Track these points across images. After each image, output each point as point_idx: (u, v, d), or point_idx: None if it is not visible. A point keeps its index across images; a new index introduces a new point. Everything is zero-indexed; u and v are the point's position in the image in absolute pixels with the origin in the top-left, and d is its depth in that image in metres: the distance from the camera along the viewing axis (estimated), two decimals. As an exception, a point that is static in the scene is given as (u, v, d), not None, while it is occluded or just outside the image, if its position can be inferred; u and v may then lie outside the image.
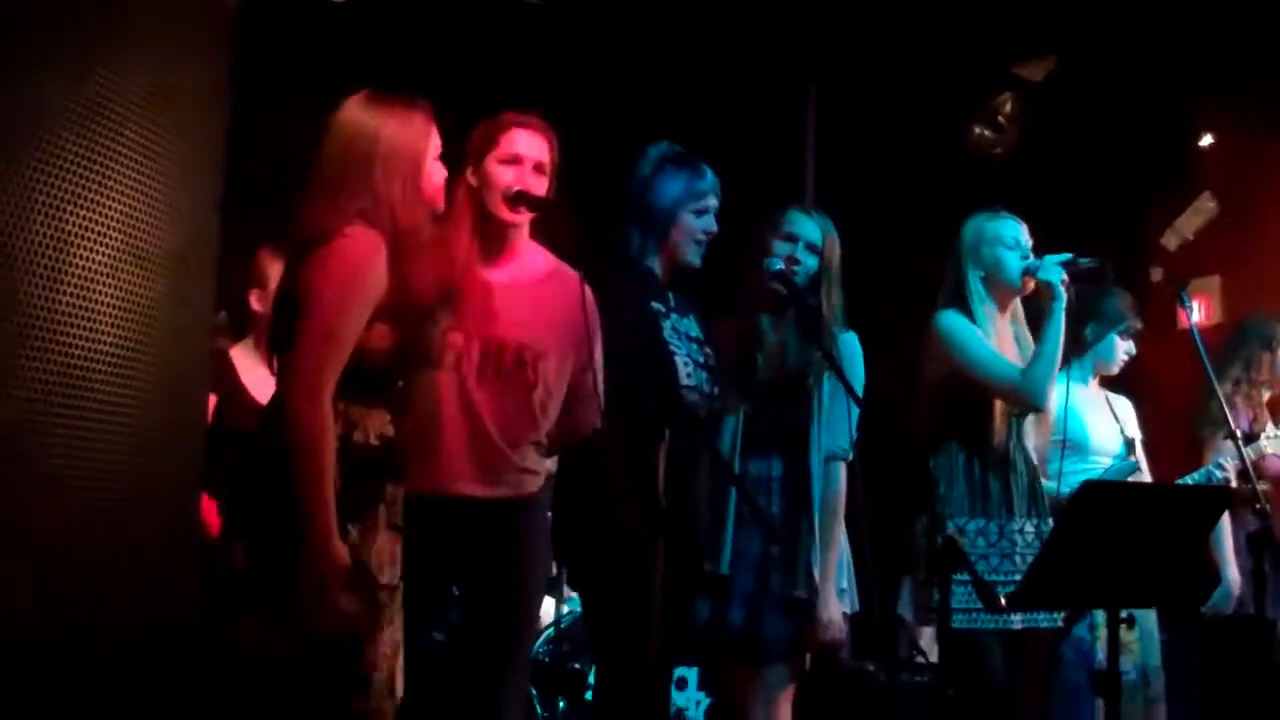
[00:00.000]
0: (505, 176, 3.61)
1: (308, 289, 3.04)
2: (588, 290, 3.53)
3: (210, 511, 3.82)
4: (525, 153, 3.64)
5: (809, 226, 4.23)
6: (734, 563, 4.07)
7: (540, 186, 3.65)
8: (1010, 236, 4.36)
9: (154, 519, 2.70)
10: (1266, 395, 5.49)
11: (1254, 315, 5.75)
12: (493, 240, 3.66)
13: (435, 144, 3.24)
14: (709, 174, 4.04)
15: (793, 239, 4.21)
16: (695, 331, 4.01)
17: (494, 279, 3.64)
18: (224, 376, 4.42)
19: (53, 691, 2.42)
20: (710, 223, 4.01)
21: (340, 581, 2.95)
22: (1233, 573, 5.20)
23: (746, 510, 3.98)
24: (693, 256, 4.01)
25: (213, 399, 4.39)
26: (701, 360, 3.95)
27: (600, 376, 3.63)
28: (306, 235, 3.10)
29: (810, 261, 4.19)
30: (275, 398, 3.14)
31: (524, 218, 3.66)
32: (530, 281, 3.70)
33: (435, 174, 3.24)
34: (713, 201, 4.03)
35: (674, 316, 3.97)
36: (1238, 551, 5.22)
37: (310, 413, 2.97)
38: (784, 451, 4.17)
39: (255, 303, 4.47)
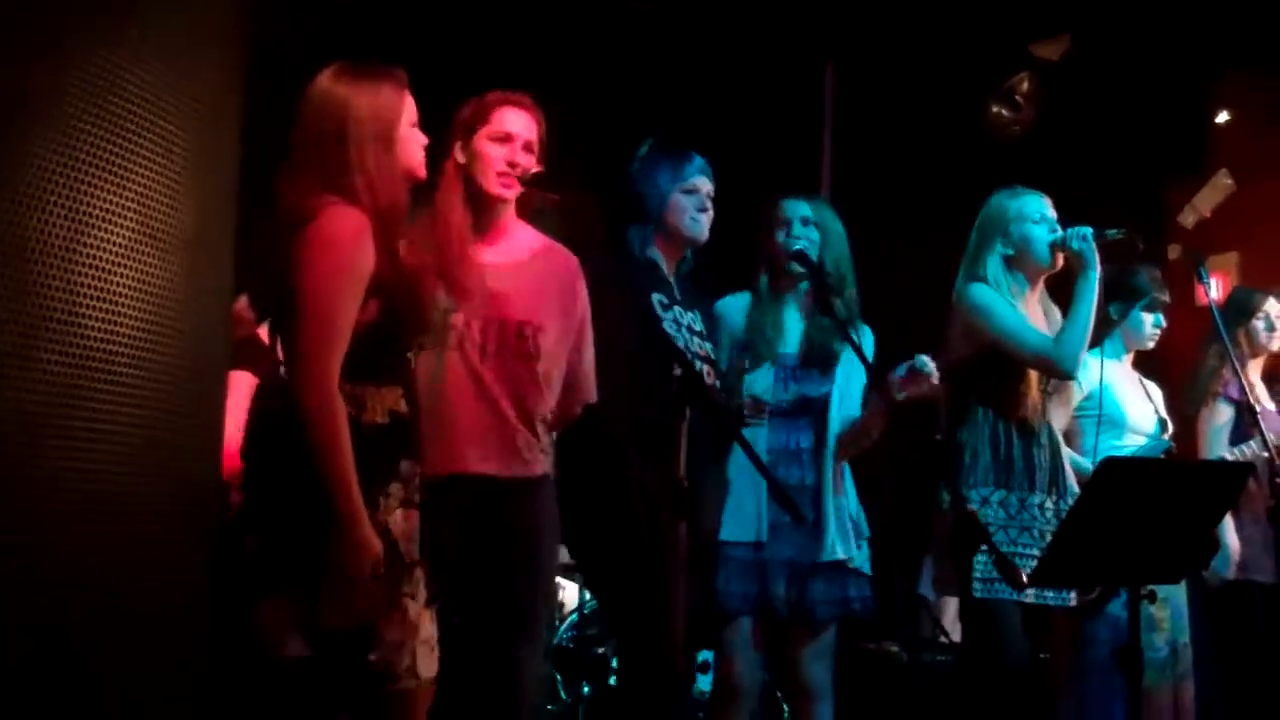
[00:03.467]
0: (496, 153, 3.65)
1: (299, 276, 3.02)
2: (578, 266, 3.67)
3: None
4: (515, 130, 3.67)
5: (799, 206, 4.36)
6: (771, 534, 4.18)
7: (530, 164, 3.68)
8: (1036, 211, 4.35)
9: (173, 502, 2.71)
10: (1259, 367, 5.50)
11: (1239, 287, 5.80)
12: (483, 217, 3.70)
13: (410, 112, 3.19)
14: (696, 158, 4.14)
15: (786, 222, 4.33)
16: (699, 326, 4.06)
17: (487, 257, 3.68)
18: (262, 360, 4.42)
19: (64, 676, 2.42)
20: (703, 201, 4.10)
21: (371, 569, 2.94)
22: (1231, 538, 5.20)
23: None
24: (695, 229, 4.09)
25: (254, 380, 4.41)
26: (702, 353, 4.03)
27: (591, 351, 3.74)
28: (289, 214, 3.07)
29: (811, 233, 4.31)
30: (276, 389, 3.14)
31: (513, 192, 3.69)
32: (523, 258, 3.74)
33: (413, 142, 3.21)
34: (703, 182, 4.11)
35: (676, 309, 4.01)
36: (1244, 522, 5.23)
37: (322, 403, 2.95)
38: (812, 424, 4.27)
39: None
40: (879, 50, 6.88)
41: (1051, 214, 4.37)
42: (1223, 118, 6.96)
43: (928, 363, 4.07)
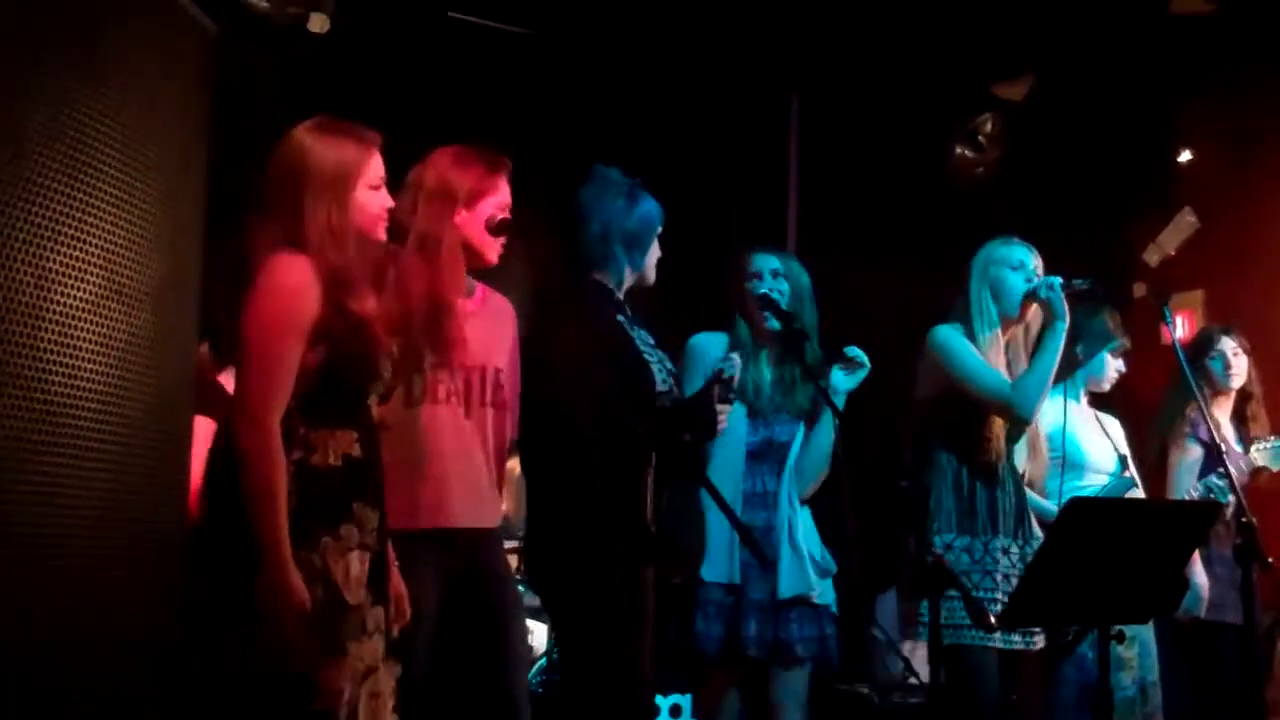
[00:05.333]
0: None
1: (244, 321, 3.05)
2: (512, 308, 3.81)
3: None
4: (509, 200, 3.73)
5: (769, 260, 4.50)
6: (743, 576, 4.24)
7: None
8: (1016, 259, 4.36)
9: (140, 554, 2.70)
10: (1227, 405, 5.53)
11: (1206, 326, 5.84)
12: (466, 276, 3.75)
13: (372, 174, 3.20)
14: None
15: (758, 275, 4.44)
16: (652, 341, 4.08)
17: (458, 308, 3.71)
18: (220, 406, 4.40)
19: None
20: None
21: (297, 614, 2.92)
22: (1200, 575, 5.21)
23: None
24: (652, 274, 4.15)
25: (212, 425, 4.39)
26: (670, 368, 4.08)
27: (519, 389, 3.82)
28: (246, 262, 3.08)
29: (781, 285, 4.42)
30: (222, 431, 3.12)
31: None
32: (476, 305, 3.78)
33: (371, 204, 3.21)
34: None
35: (637, 329, 4.03)
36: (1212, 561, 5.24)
37: (257, 445, 2.96)
38: (775, 468, 4.38)
39: None
40: (843, 83, 6.91)
41: (1032, 264, 4.38)
42: (1185, 156, 7.01)
43: (858, 352, 4.25)
